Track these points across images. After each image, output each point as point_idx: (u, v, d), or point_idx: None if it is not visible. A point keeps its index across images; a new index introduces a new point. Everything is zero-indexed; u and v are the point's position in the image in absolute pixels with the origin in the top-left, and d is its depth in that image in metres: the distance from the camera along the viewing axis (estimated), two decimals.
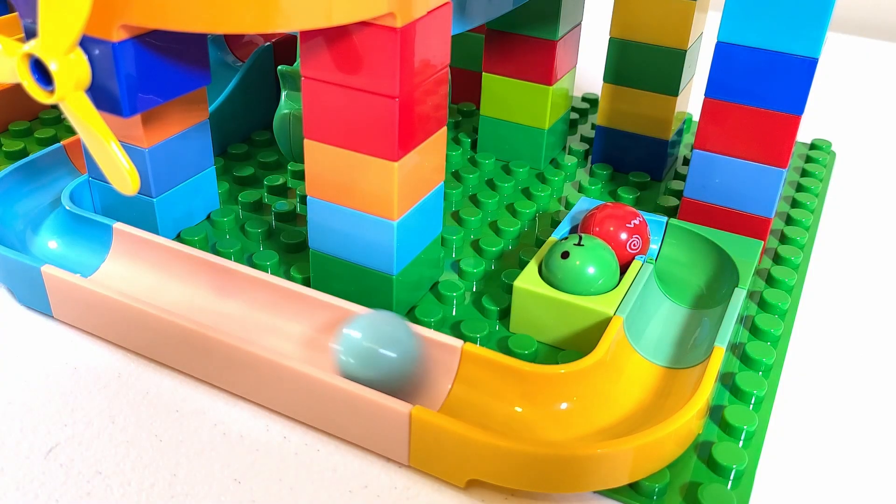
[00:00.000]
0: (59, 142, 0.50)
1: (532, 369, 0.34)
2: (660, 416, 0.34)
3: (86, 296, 0.38)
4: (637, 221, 0.40)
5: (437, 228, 0.41)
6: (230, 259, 0.43)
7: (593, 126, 0.59)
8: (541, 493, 0.32)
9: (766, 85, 0.41)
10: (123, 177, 0.32)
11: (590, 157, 0.56)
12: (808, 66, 0.39)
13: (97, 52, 0.33)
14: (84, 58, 0.32)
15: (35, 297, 0.40)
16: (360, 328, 0.34)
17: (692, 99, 0.61)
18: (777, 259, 0.45)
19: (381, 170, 0.36)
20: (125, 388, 0.37)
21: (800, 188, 0.53)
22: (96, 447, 0.34)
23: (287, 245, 0.44)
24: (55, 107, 0.57)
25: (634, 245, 0.40)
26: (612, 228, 0.40)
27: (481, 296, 0.41)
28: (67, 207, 0.43)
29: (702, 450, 0.34)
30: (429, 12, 0.34)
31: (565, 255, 0.38)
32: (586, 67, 0.67)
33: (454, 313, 0.41)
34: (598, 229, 0.40)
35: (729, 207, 0.44)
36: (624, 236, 0.40)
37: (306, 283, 0.42)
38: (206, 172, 0.46)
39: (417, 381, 0.34)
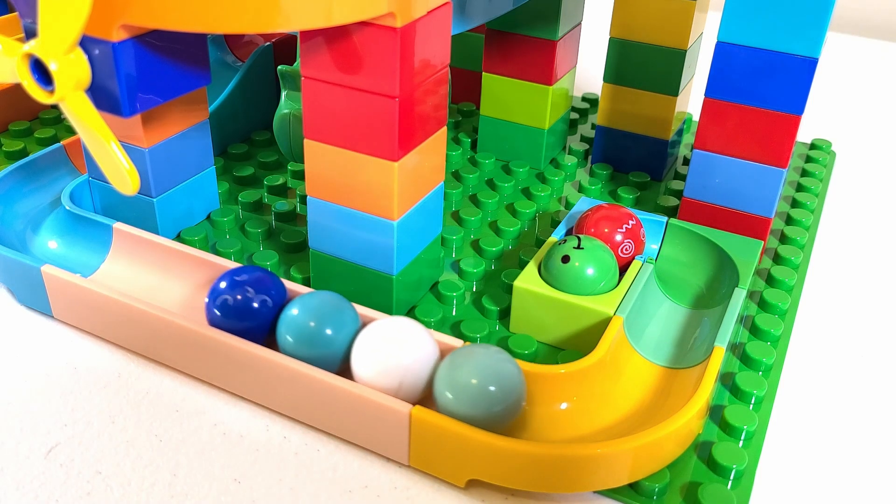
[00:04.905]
0: (59, 142, 0.50)
1: (532, 369, 0.34)
2: (660, 416, 0.34)
3: (86, 296, 0.38)
4: (632, 223, 0.40)
5: (437, 228, 0.41)
6: (230, 259, 0.43)
7: (593, 126, 0.59)
8: (541, 493, 0.32)
9: (766, 85, 0.41)
10: (123, 177, 0.32)
11: (590, 157, 0.56)
12: (808, 66, 0.39)
13: (97, 52, 0.33)
14: (84, 58, 0.32)
15: (35, 297, 0.40)
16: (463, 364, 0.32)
17: (692, 99, 0.61)
18: (777, 259, 0.45)
19: (381, 170, 0.36)
20: (125, 388, 0.37)
21: (800, 188, 0.53)
22: (96, 447, 0.34)
23: (287, 245, 0.44)
24: (55, 107, 0.57)
25: (626, 250, 0.40)
26: (606, 230, 0.40)
27: (481, 296, 0.41)
28: (67, 207, 0.43)
29: (702, 450, 0.34)
30: (429, 12, 0.34)
31: (565, 259, 0.38)
32: (586, 67, 0.67)
33: (454, 313, 0.41)
34: (593, 230, 0.40)
35: (729, 207, 0.44)
36: (619, 238, 0.40)
37: (306, 283, 0.42)
38: (206, 172, 0.46)
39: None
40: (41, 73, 0.31)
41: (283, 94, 0.46)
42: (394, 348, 0.33)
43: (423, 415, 0.32)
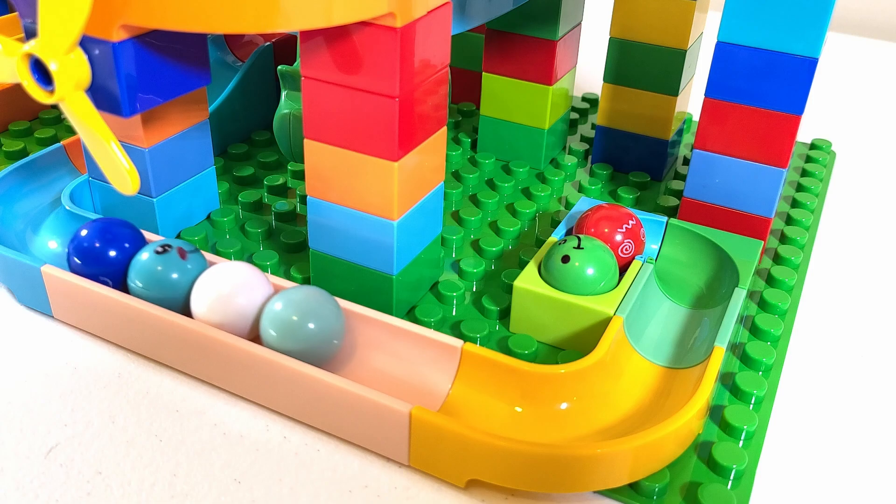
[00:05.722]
0: (59, 142, 0.50)
1: (532, 369, 0.34)
2: (660, 416, 0.34)
3: (86, 296, 0.38)
4: (632, 223, 0.40)
5: (437, 228, 0.41)
6: (230, 259, 0.43)
7: (593, 126, 0.59)
8: (541, 493, 0.32)
9: (766, 85, 0.41)
10: (123, 177, 0.32)
11: (590, 157, 0.56)
12: (808, 66, 0.39)
13: (97, 52, 0.33)
14: (84, 58, 0.32)
15: (35, 297, 0.40)
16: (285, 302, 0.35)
17: (692, 99, 0.61)
18: (777, 259, 0.45)
19: (381, 170, 0.36)
20: (125, 388, 0.37)
21: (800, 188, 0.53)
22: (96, 447, 0.34)
23: (287, 245, 0.44)
24: (55, 107, 0.57)
25: (626, 250, 0.40)
26: (606, 230, 0.40)
27: (481, 296, 0.41)
28: (67, 207, 0.43)
29: (702, 450, 0.34)
30: (429, 12, 0.34)
31: (565, 259, 0.38)
32: (586, 67, 0.67)
33: (454, 313, 0.41)
34: (593, 230, 0.40)
35: (729, 207, 0.44)
36: (619, 238, 0.40)
37: (306, 283, 0.42)
38: (206, 172, 0.46)
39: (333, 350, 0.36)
40: (41, 73, 0.31)
41: (283, 94, 0.46)
42: (226, 288, 0.36)
43: (423, 415, 0.32)
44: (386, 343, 0.37)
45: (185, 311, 0.37)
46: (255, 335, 0.36)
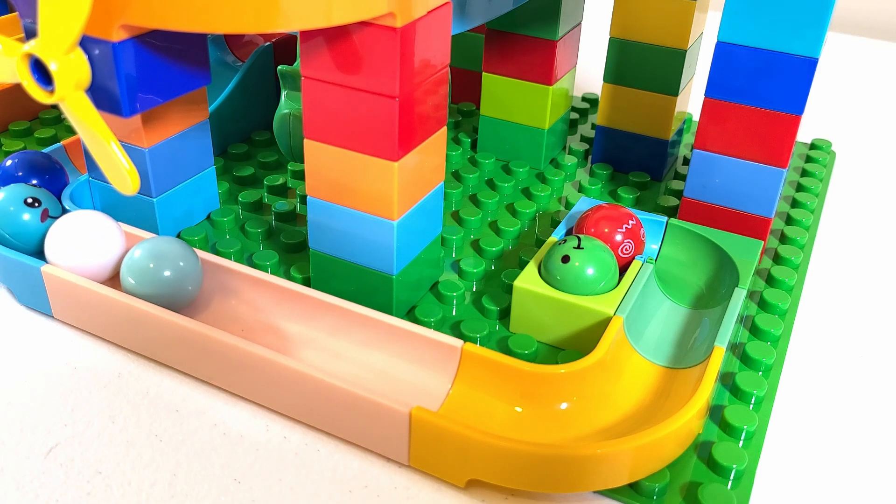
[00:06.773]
0: (59, 142, 0.50)
1: (532, 369, 0.34)
2: (660, 416, 0.34)
3: (86, 296, 0.38)
4: (632, 223, 0.40)
5: (437, 228, 0.41)
6: (230, 259, 0.43)
7: (593, 126, 0.59)
8: (541, 493, 0.32)
9: (766, 85, 0.41)
10: (123, 177, 0.32)
11: (590, 157, 0.56)
12: (808, 66, 0.39)
13: (97, 52, 0.33)
14: (84, 58, 0.32)
15: (35, 297, 0.40)
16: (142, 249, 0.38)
17: (692, 99, 0.61)
18: (777, 259, 0.45)
19: (381, 170, 0.36)
20: (125, 388, 0.37)
21: (800, 188, 0.53)
22: (96, 447, 0.34)
23: (287, 245, 0.44)
24: (55, 107, 0.57)
25: (626, 250, 0.40)
26: (606, 230, 0.40)
27: (481, 296, 0.41)
28: (67, 207, 0.43)
29: (702, 450, 0.34)
30: (429, 12, 0.34)
31: (565, 259, 0.38)
32: (586, 67, 0.67)
33: (454, 313, 0.41)
34: (593, 230, 0.40)
35: (729, 207, 0.44)
36: (619, 238, 0.40)
37: (306, 283, 0.42)
38: (206, 172, 0.46)
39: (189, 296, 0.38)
40: (41, 73, 0.31)
41: (283, 94, 0.46)
42: (78, 235, 0.38)
43: (423, 415, 0.32)
44: (386, 343, 0.37)
45: (41, 256, 0.40)
46: (106, 280, 0.39)
